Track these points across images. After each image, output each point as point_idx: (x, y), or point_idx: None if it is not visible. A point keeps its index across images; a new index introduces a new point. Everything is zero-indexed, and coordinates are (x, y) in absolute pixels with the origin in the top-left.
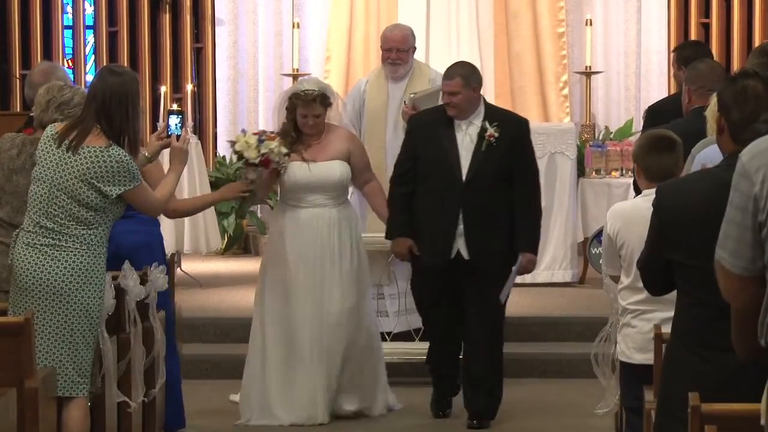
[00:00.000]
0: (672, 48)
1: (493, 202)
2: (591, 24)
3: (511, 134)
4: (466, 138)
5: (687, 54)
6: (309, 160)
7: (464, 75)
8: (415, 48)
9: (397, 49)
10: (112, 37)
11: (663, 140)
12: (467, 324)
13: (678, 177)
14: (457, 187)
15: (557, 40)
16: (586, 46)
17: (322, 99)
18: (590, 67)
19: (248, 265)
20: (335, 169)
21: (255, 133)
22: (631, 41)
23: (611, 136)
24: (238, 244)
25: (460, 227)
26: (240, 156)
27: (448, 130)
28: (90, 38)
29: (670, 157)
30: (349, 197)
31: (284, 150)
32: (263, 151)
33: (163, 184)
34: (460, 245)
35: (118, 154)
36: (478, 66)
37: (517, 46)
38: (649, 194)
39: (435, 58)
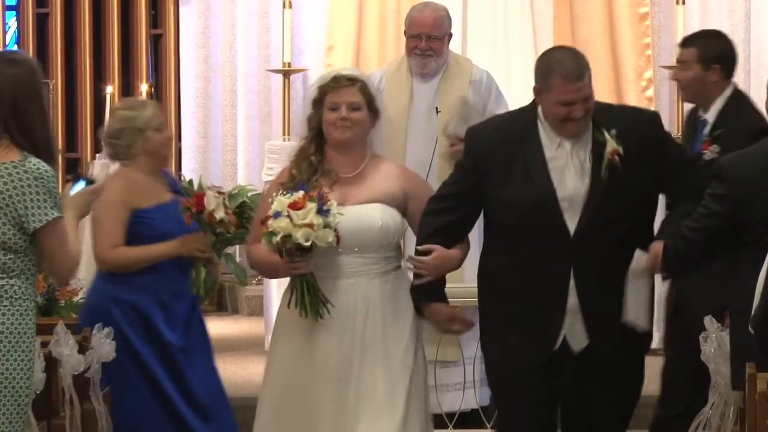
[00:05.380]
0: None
1: (621, 259)
2: (683, 2)
3: (642, 144)
4: (574, 160)
5: (714, 49)
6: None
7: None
8: (451, 35)
9: (428, 37)
10: (41, 21)
11: None
12: None
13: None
14: (563, 241)
15: (639, 23)
16: (677, 33)
17: (363, 87)
18: None
19: (223, 328)
20: (373, 215)
21: (296, 204)
22: (737, 25)
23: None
24: (210, 300)
25: (572, 300)
26: (310, 248)
27: (539, 149)
28: (12, 22)
29: None
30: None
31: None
32: (335, 222)
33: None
34: (575, 328)
35: (38, 169)
36: (533, 57)
37: (584, 31)
38: None
39: (474, 47)
